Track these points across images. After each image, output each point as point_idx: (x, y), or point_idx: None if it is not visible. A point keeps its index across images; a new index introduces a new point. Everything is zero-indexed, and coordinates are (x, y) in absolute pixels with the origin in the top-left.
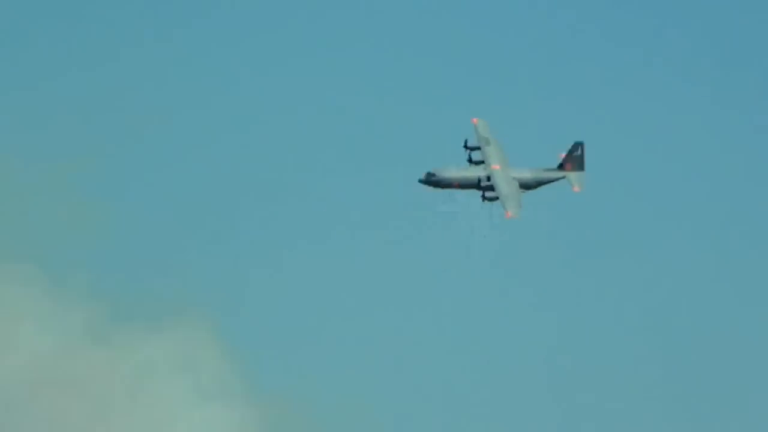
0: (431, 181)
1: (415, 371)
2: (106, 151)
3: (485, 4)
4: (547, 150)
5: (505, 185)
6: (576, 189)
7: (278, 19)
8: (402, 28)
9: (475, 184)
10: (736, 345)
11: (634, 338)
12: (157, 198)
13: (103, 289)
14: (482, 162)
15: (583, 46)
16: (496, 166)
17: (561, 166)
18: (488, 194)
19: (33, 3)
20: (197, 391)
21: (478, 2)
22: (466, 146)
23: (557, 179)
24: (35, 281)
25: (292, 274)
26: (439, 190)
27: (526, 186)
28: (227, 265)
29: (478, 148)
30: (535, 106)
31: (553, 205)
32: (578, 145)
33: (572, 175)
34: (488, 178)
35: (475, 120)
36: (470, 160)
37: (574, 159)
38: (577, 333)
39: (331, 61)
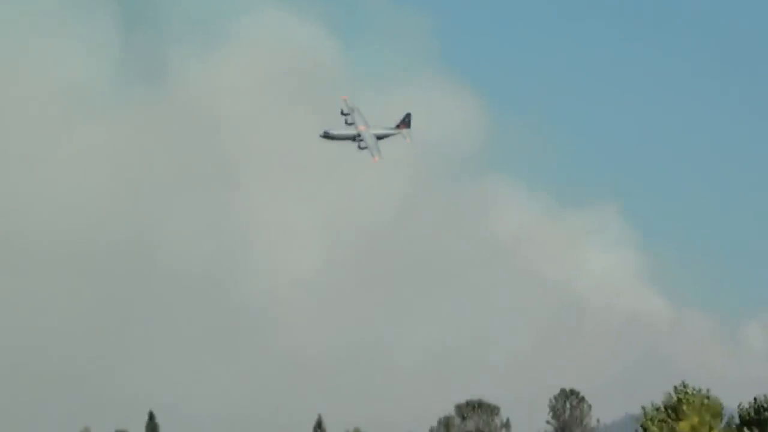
0: (327, 136)
1: None
2: None
3: None
4: (388, 116)
5: (370, 140)
6: (408, 141)
7: None
8: None
9: (353, 138)
10: None
11: None
12: None
13: None
14: (353, 123)
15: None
16: (362, 127)
17: (398, 126)
18: (361, 145)
19: None
20: None
21: None
22: (342, 113)
23: (396, 134)
24: None
25: None
26: (333, 141)
27: (379, 138)
28: None
29: (349, 114)
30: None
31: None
32: (408, 115)
33: (404, 132)
34: (359, 135)
35: (344, 96)
36: (346, 122)
37: (405, 122)
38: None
39: None
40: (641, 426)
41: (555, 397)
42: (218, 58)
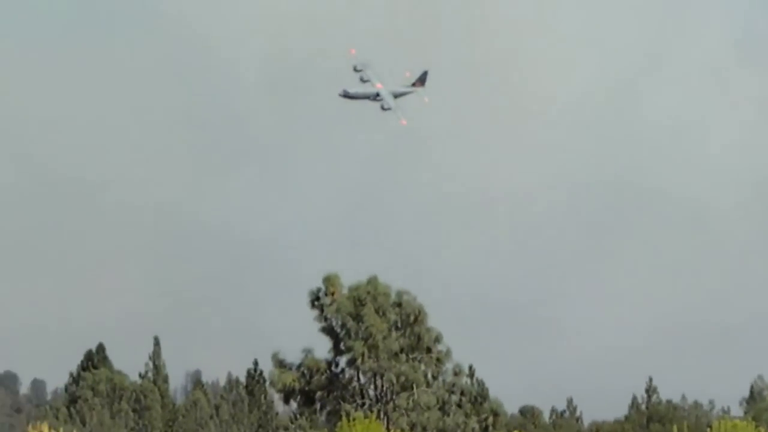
0: (346, 95)
1: None
2: None
3: None
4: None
5: (390, 99)
6: (426, 100)
7: None
8: None
9: (372, 98)
10: None
11: None
12: None
13: None
14: (368, 81)
15: None
16: (379, 85)
17: (413, 84)
18: (384, 105)
19: None
20: None
21: None
22: (355, 69)
23: (411, 92)
24: None
25: None
26: (352, 101)
27: (395, 96)
28: None
29: (362, 70)
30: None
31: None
32: (425, 72)
33: (420, 90)
34: (377, 94)
35: (352, 50)
36: (362, 79)
37: (422, 80)
38: None
39: None
40: None
41: None
42: None
